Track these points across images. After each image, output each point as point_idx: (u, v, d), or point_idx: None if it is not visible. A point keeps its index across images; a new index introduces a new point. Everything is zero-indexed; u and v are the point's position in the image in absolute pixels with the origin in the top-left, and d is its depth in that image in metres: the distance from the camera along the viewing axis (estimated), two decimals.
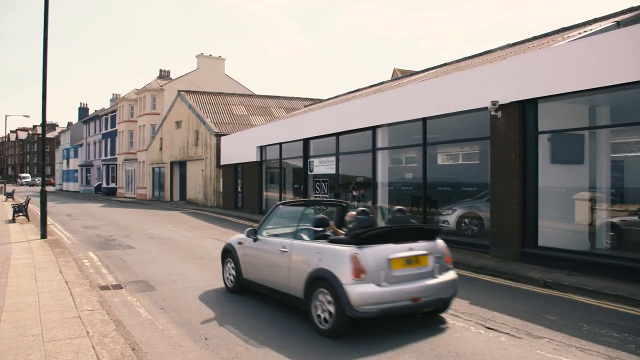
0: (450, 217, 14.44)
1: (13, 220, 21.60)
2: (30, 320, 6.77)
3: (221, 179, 32.15)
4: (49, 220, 17.96)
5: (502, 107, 11.49)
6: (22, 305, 7.53)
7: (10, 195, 42.33)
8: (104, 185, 56.82)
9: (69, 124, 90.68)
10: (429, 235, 7.20)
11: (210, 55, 48.70)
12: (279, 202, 9.43)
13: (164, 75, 52.18)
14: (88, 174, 65.93)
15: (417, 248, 6.83)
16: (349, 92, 26.59)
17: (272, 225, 8.78)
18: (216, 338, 6.63)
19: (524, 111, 11.25)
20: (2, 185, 59.26)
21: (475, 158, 16.15)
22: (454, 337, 6.65)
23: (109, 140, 58.01)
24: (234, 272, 8.90)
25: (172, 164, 40.18)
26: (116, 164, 54.58)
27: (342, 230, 8.15)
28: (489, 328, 6.97)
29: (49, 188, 51.92)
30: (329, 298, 6.49)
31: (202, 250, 14.01)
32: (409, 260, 6.72)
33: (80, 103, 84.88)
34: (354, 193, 18.48)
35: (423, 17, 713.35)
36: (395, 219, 7.98)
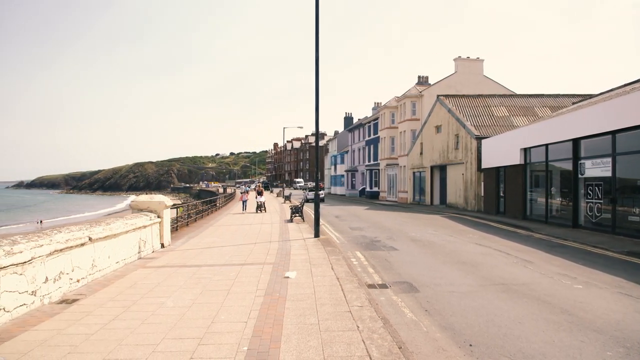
0: None
1: (291, 220, 24.39)
2: (308, 310, 7.48)
3: (482, 183, 31.41)
4: (321, 221, 19.63)
5: None
6: (301, 296, 8.38)
7: (287, 198, 47.62)
8: (368, 189, 60.10)
9: (336, 132, 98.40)
10: None
11: (468, 57, 47.99)
12: None
13: (422, 81, 53.21)
14: (353, 179, 70.63)
15: None
16: (627, 84, 23.58)
17: None
18: (481, 346, 6.47)
19: None
20: (281, 189, 67.17)
21: None
22: None
23: (371, 146, 61.26)
24: None
25: (432, 168, 40.64)
26: (379, 169, 57.28)
27: None
28: None
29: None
30: None
31: (464, 255, 13.85)
32: None
33: (346, 113, 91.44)
34: None
35: None
36: None
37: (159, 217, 14.75)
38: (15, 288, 7.25)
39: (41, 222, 57.76)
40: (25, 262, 7.46)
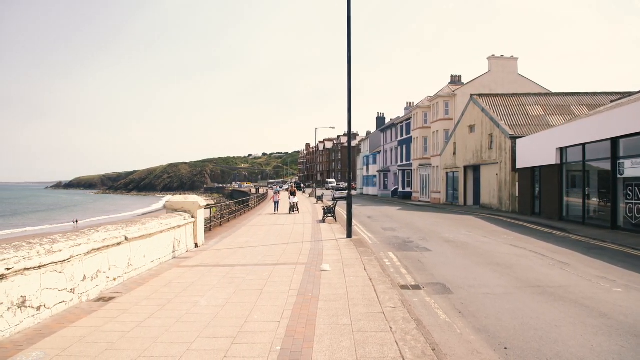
0: None
1: (323, 221, 24.41)
2: (341, 311, 7.48)
3: (517, 183, 30.92)
4: (353, 221, 19.60)
5: None
6: (333, 297, 8.38)
7: (320, 198, 47.69)
8: (400, 189, 59.77)
9: (368, 132, 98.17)
10: None
11: (502, 56, 47.26)
12: None
13: (455, 80, 52.65)
14: (385, 179, 70.32)
15: None
16: None
17: None
18: (516, 349, 6.36)
19: None
20: (312, 189, 67.53)
21: None
22: None
23: (404, 146, 60.89)
24: None
25: (465, 168, 40.20)
26: (411, 169, 56.91)
27: None
28: None
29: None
30: None
31: (498, 257, 13.65)
32: None
33: (378, 113, 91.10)
34: None
35: None
36: None
37: (192, 217, 14.94)
38: (55, 285, 7.44)
39: (77, 221, 59.19)
40: (64, 261, 7.65)
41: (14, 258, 6.57)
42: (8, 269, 6.38)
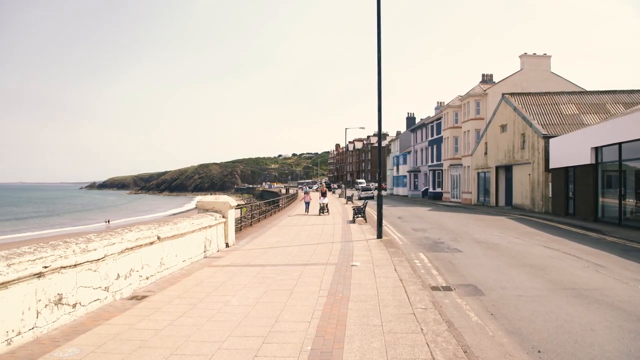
0: None
1: (353, 221, 24.38)
2: (371, 312, 7.45)
3: (550, 184, 30.37)
4: (383, 222, 19.54)
5: None
6: (364, 297, 8.36)
7: (349, 199, 47.62)
8: (430, 189, 59.29)
9: (398, 133, 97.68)
10: None
11: (535, 54, 46.46)
12: None
13: (486, 79, 51.98)
14: (416, 179, 69.86)
15: None
16: None
17: None
18: (550, 352, 6.24)
19: None
20: (342, 190, 67.66)
21: None
22: None
23: (434, 146, 60.40)
24: None
25: (497, 168, 39.65)
26: (442, 169, 56.42)
27: None
28: None
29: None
30: None
31: (531, 258, 13.42)
32: None
33: (408, 113, 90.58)
34: None
35: None
36: None
37: (223, 217, 15.08)
38: (89, 284, 7.59)
39: (109, 221, 60.36)
40: (98, 260, 7.80)
41: (51, 256, 6.73)
42: (45, 267, 6.54)
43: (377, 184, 16.76)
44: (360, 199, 42.09)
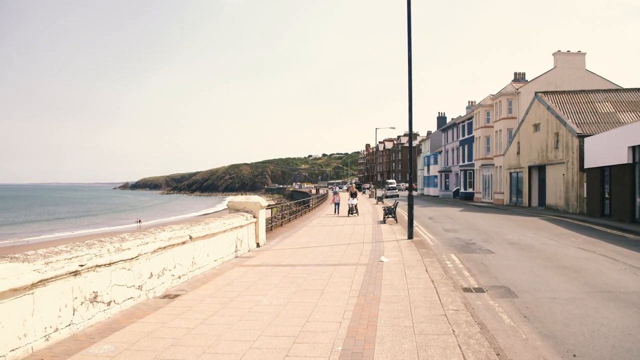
0: None
1: (384, 221, 24.29)
2: (402, 313, 7.41)
3: (585, 184, 29.73)
4: (414, 222, 19.41)
5: None
6: (395, 298, 8.32)
7: (380, 199, 47.44)
8: (462, 190, 58.63)
9: (429, 132, 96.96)
10: None
11: (568, 51, 45.47)
12: None
13: (518, 78, 51.15)
14: (447, 179, 69.17)
15: None
16: None
17: None
18: (586, 357, 6.11)
19: None
20: (371, 190, 67.56)
21: None
22: None
23: (465, 146, 59.70)
24: None
25: (530, 168, 38.98)
26: (473, 170, 55.74)
27: None
28: None
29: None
30: None
31: (565, 260, 13.17)
32: None
33: (438, 112, 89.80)
34: None
35: None
36: None
37: (254, 217, 15.18)
38: (123, 282, 7.74)
39: (140, 221, 61.35)
40: (132, 259, 7.94)
41: (87, 255, 6.88)
42: (81, 266, 6.69)
43: (407, 184, 16.62)
44: (386, 197, 42.04)
